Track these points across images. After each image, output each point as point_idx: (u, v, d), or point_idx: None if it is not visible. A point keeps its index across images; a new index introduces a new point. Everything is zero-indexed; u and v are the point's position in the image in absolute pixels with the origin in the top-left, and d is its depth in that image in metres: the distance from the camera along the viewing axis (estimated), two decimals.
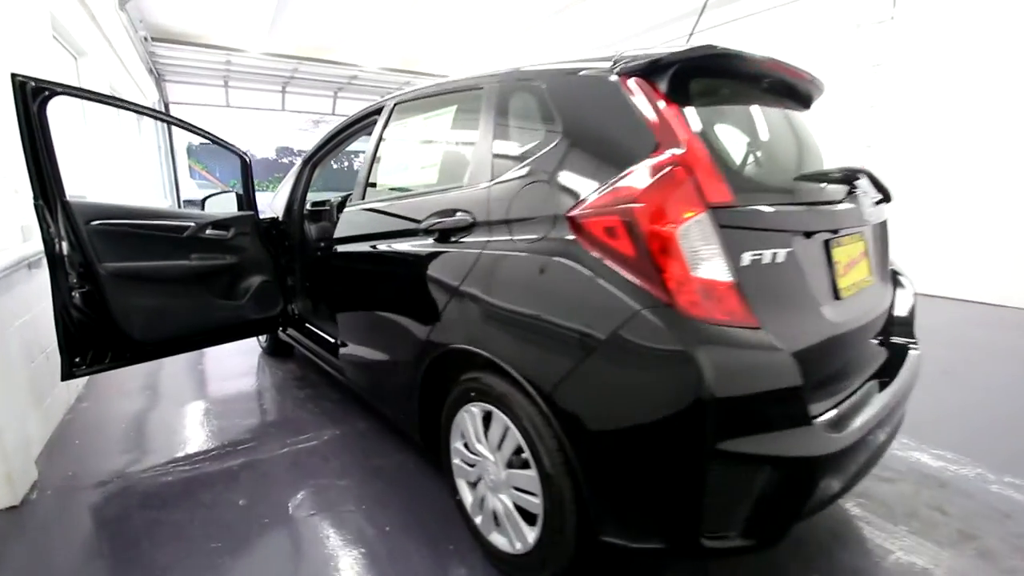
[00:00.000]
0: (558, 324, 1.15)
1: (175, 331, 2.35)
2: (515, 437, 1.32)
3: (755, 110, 1.44)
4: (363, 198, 2.05)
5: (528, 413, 1.26)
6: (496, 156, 1.45)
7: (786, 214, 1.21)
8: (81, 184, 3.73)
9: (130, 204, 2.29)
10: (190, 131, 2.41)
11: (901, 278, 1.77)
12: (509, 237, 1.30)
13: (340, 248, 2.09)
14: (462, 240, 1.45)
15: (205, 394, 2.81)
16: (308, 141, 21.02)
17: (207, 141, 2.51)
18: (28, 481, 1.88)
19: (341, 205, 3.11)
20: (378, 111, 2.16)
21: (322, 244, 2.96)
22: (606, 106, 1.21)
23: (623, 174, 1.11)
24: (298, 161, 2.91)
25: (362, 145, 2.42)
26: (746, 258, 1.09)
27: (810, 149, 1.57)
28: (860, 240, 1.48)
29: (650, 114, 1.14)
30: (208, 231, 2.48)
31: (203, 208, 2.81)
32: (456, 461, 1.58)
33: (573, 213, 1.16)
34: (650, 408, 1.03)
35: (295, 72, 8.93)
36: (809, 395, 1.07)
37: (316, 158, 2.77)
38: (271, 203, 3.11)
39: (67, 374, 2.01)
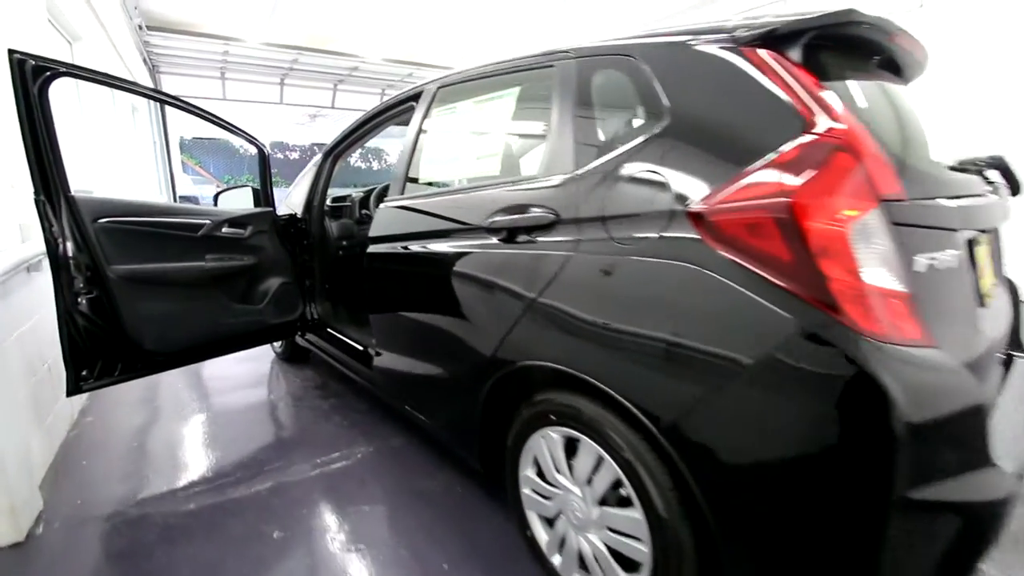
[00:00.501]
0: (683, 343, 0.96)
1: (191, 340, 2.15)
2: (612, 470, 1.13)
3: (879, 87, 1.25)
4: (402, 193, 1.85)
5: (632, 443, 1.08)
6: (580, 143, 1.25)
7: (953, 210, 1.03)
8: (83, 179, 3.49)
9: (140, 200, 2.08)
10: (207, 119, 2.19)
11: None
12: (606, 236, 1.11)
13: (376, 248, 1.89)
14: (539, 240, 1.25)
15: (219, 406, 2.59)
16: (304, 136, 20.72)
17: (222, 130, 2.29)
18: (33, 512, 1.67)
19: (364, 201, 2.91)
20: (415, 97, 1.95)
21: (344, 243, 2.75)
22: (731, 82, 1.02)
23: (766, 160, 0.92)
24: (318, 154, 2.69)
25: (379, 141, 2.22)
26: (920, 262, 0.90)
27: (925, 134, 1.38)
28: (989, 239, 1.30)
29: (794, 90, 0.95)
30: (224, 229, 2.27)
31: (216, 204, 2.60)
32: (526, 491, 1.39)
33: (698, 208, 0.97)
34: (816, 446, 0.84)
35: (294, 63, 8.65)
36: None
37: (339, 150, 2.56)
38: (286, 199, 2.89)
39: (73, 389, 1.81)
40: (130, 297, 1.91)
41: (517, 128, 1.53)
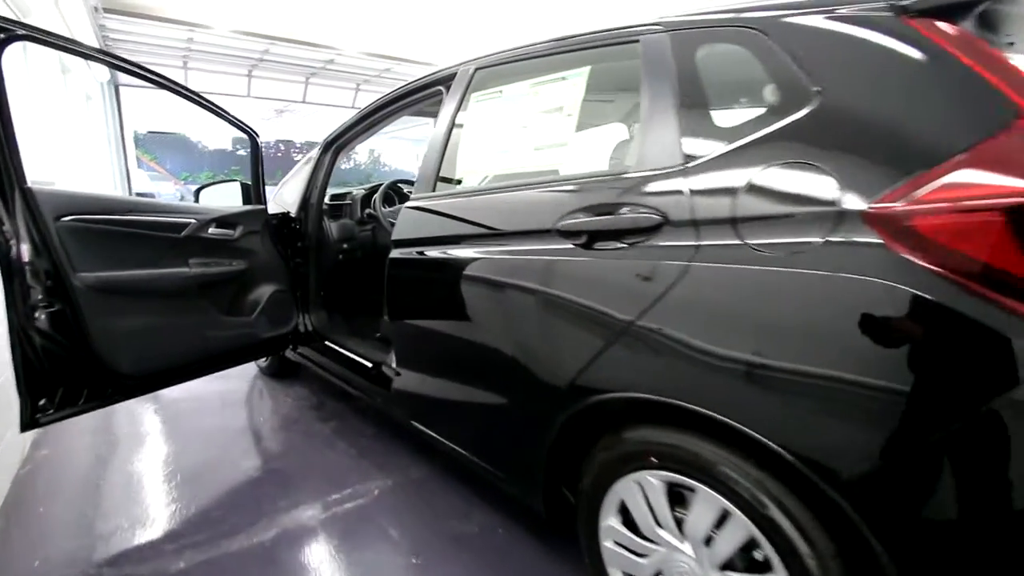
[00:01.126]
0: (868, 379, 0.76)
1: (172, 359, 1.84)
2: (743, 527, 0.92)
3: None
4: (434, 191, 1.59)
5: (778, 497, 0.87)
6: (689, 130, 1.03)
7: None
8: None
9: (112, 195, 1.76)
10: (192, 100, 1.88)
11: None
12: (738, 242, 0.90)
13: (401, 253, 1.63)
14: (639, 247, 1.03)
15: (199, 432, 2.26)
16: (270, 132, 19.90)
17: (213, 115, 1.98)
18: None
19: (367, 199, 2.63)
20: (444, 81, 1.71)
21: (344, 246, 2.46)
22: (903, 60, 0.83)
23: (977, 153, 0.72)
24: (315, 146, 2.40)
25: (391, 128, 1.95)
26: None
27: None
28: None
29: (992, 68, 0.76)
30: (211, 230, 1.96)
31: (197, 200, 2.27)
32: (609, 544, 1.17)
33: (887, 208, 0.77)
34: None
35: (265, 54, 8.18)
36: None
37: (341, 142, 2.27)
38: (275, 196, 2.58)
39: (29, 422, 1.49)
40: (100, 310, 1.59)
41: (590, 114, 1.31)
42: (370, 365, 2.04)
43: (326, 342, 2.35)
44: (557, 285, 1.17)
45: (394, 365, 1.82)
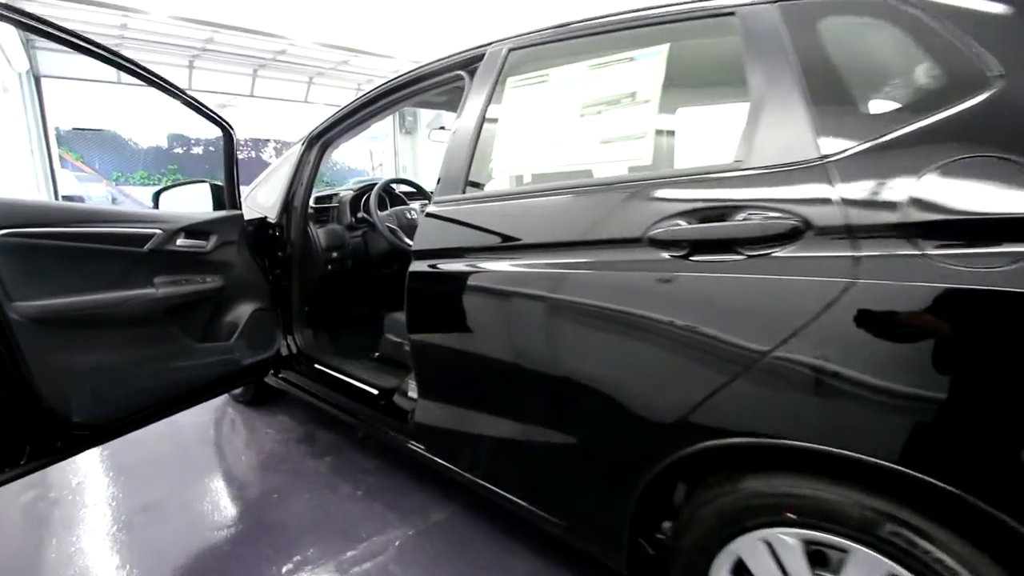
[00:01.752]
0: None
1: (137, 399, 1.53)
2: None
3: None
4: (463, 193, 1.36)
5: (973, 564, 0.71)
6: (822, 118, 0.85)
7: None
8: None
9: (56, 203, 1.42)
10: (163, 90, 1.56)
11: None
12: (917, 253, 0.73)
13: (425, 266, 1.38)
14: (767, 257, 0.84)
15: (171, 480, 1.92)
16: (211, 128, 18.73)
17: (185, 105, 1.66)
18: None
19: (356, 201, 2.34)
20: (468, 64, 1.47)
21: (334, 255, 2.17)
22: None
23: None
24: (297, 141, 2.10)
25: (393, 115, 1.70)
26: None
27: None
28: None
29: None
30: (179, 241, 1.64)
31: (156, 206, 1.92)
32: None
33: None
34: None
35: (208, 43, 7.56)
36: None
37: (330, 136, 1.99)
38: (247, 198, 2.25)
39: None
40: (46, 347, 1.27)
41: (672, 100, 1.11)
42: (375, 392, 1.78)
43: (316, 365, 2.06)
44: (652, 305, 0.96)
45: (412, 394, 1.58)
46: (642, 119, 1.09)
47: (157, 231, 1.56)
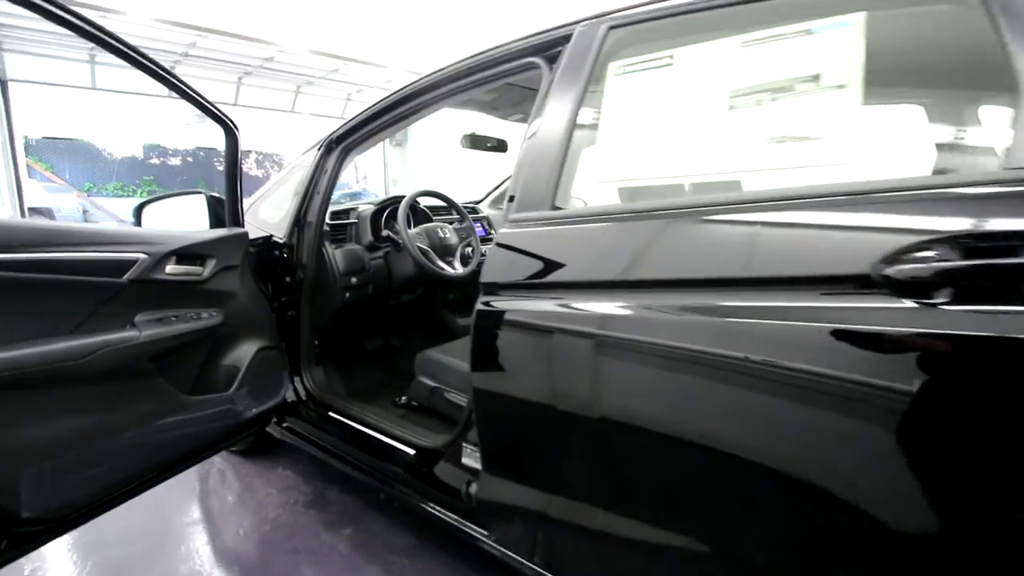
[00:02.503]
0: None
1: (110, 478, 1.17)
2: None
3: None
4: (551, 208, 1.04)
5: None
6: None
7: None
8: None
9: (11, 220, 1.07)
10: (151, 73, 1.21)
11: None
12: None
13: (500, 304, 1.05)
14: None
15: (152, 560, 1.54)
16: (189, 139, 18.13)
17: (188, 101, 1.31)
18: None
19: (377, 217, 2.00)
20: (547, 47, 1.17)
21: (353, 280, 1.82)
22: None
23: None
24: (312, 146, 1.76)
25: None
26: None
27: None
28: None
29: None
30: (169, 268, 1.29)
31: (138, 222, 1.56)
32: None
33: None
34: None
35: (192, 47, 7.16)
36: None
37: (354, 139, 1.66)
38: (249, 212, 1.90)
39: None
40: None
41: (880, 84, 0.82)
42: (412, 452, 1.44)
43: (330, 413, 1.71)
44: (888, 374, 0.65)
45: (470, 462, 1.25)
46: (836, 110, 0.79)
47: (141, 255, 1.21)
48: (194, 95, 1.33)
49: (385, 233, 1.88)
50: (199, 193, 1.55)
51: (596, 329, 0.90)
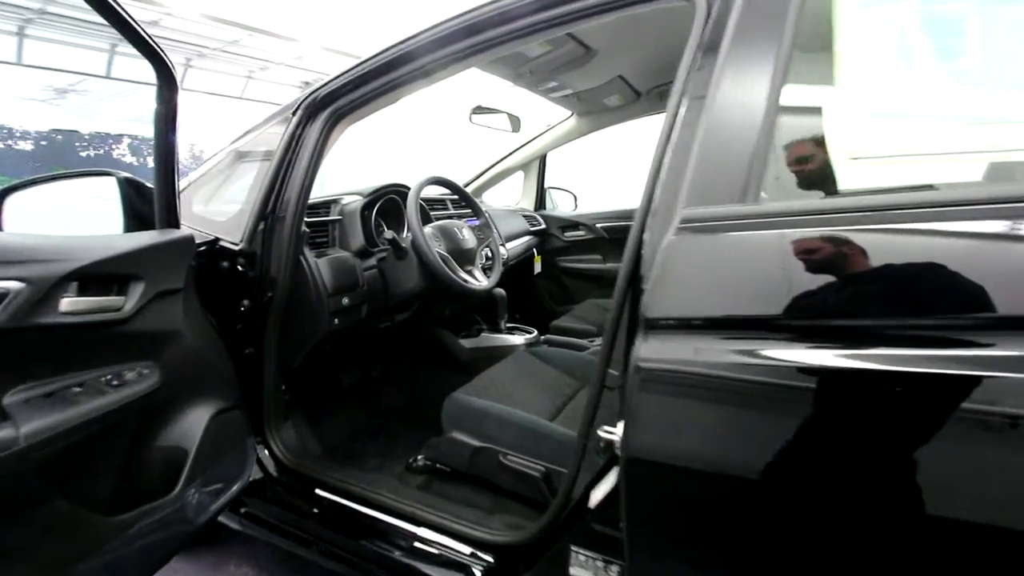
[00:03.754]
0: None
1: None
2: None
3: None
4: (753, 199, 0.66)
5: None
6: None
7: None
8: None
9: None
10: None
11: None
12: None
13: (677, 351, 0.65)
14: None
15: None
16: (45, 118, 15.19)
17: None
18: None
19: (367, 212, 1.49)
20: None
21: (345, 300, 1.31)
22: None
23: None
24: (282, 109, 1.23)
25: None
26: None
27: None
28: None
29: None
30: (65, 302, 0.74)
31: None
32: None
33: None
34: None
35: (48, 3, 5.80)
36: None
37: (348, 102, 1.15)
38: (193, 209, 1.31)
39: None
40: None
41: None
42: (463, 550, 1.01)
43: (318, 491, 1.21)
44: None
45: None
46: None
47: (11, 284, 0.66)
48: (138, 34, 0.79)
49: (389, 235, 1.37)
50: (106, 174, 0.98)
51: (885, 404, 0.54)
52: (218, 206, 1.32)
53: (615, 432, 0.82)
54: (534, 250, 2.32)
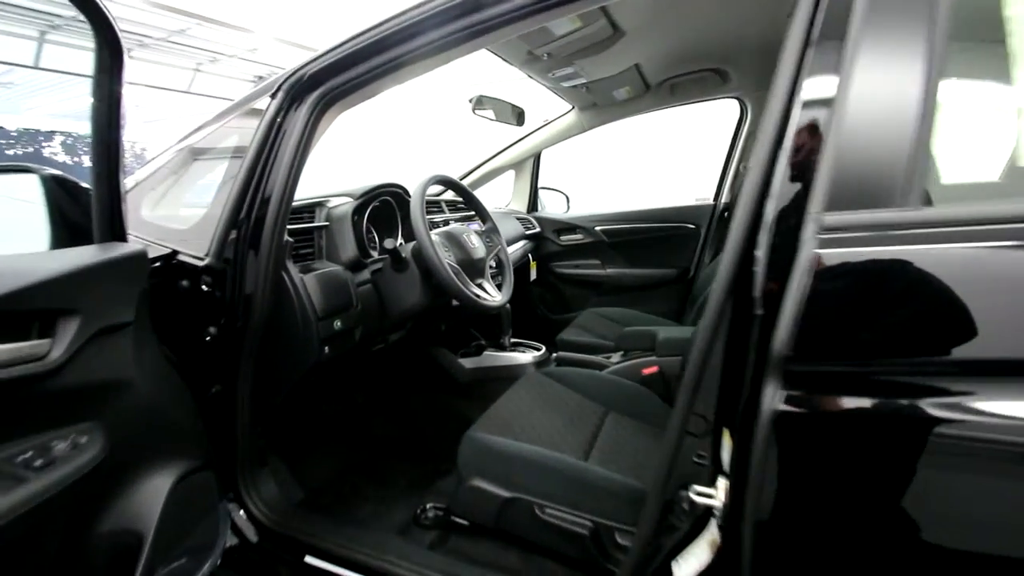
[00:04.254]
0: None
1: None
2: None
3: None
4: (914, 202, 0.51)
5: None
6: None
7: None
8: None
9: None
10: None
11: None
12: None
13: (849, 401, 0.50)
14: None
15: None
16: None
17: None
18: None
19: (359, 215, 1.28)
20: None
21: (337, 324, 1.08)
22: None
23: None
24: (259, 92, 1.00)
25: None
26: None
27: None
28: None
29: None
30: None
31: None
32: None
33: None
34: None
35: None
36: None
37: (343, 83, 0.94)
38: (142, 214, 1.05)
39: None
40: None
41: None
42: None
43: (308, 559, 1.00)
44: None
45: None
46: None
47: None
48: None
49: (390, 243, 1.15)
50: (25, 170, 0.73)
51: None
52: (172, 210, 1.08)
53: (714, 494, 0.65)
54: (529, 256, 2.14)
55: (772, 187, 0.59)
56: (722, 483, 0.64)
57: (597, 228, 2.22)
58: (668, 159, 6.26)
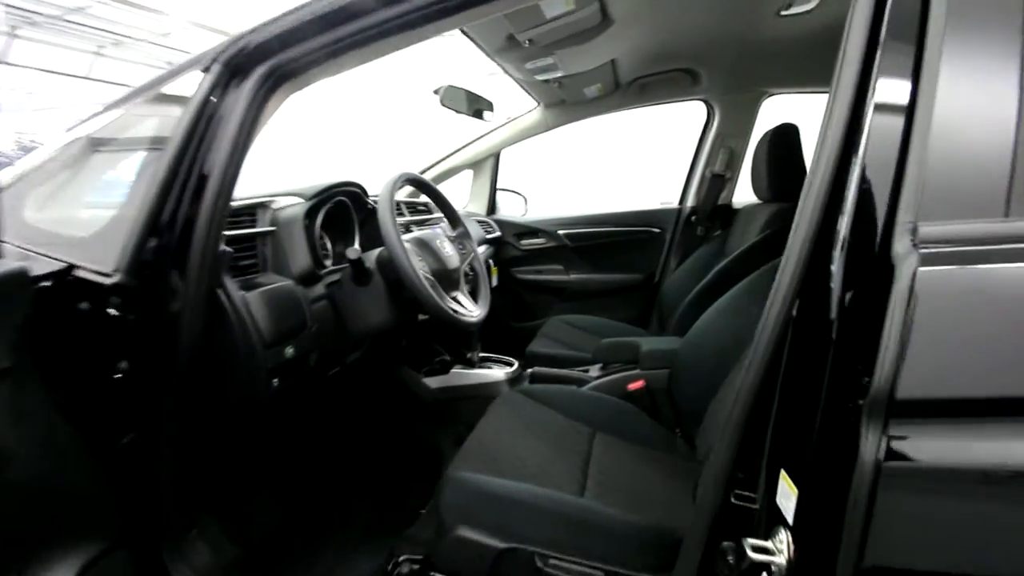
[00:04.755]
0: None
1: None
2: None
3: None
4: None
5: None
6: None
7: None
8: None
9: None
10: None
11: None
12: None
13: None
14: None
15: None
16: None
17: None
18: None
19: (312, 218, 1.08)
20: None
21: (289, 350, 0.89)
22: None
23: None
24: (191, 65, 0.80)
25: None
26: None
27: None
28: None
29: None
30: None
31: None
32: None
33: None
34: None
35: None
36: None
37: (294, 59, 0.76)
38: (24, 215, 0.81)
39: None
40: None
41: None
42: None
43: None
44: None
45: None
46: None
47: None
48: None
49: (353, 253, 0.96)
50: None
51: None
52: (67, 211, 0.85)
53: (774, 550, 0.56)
54: (490, 261, 2.00)
55: (847, 197, 0.50)
56: (784, 536, 0.54)
57: (560, 232, 2.12)
58: (626, 163, 6.30)
